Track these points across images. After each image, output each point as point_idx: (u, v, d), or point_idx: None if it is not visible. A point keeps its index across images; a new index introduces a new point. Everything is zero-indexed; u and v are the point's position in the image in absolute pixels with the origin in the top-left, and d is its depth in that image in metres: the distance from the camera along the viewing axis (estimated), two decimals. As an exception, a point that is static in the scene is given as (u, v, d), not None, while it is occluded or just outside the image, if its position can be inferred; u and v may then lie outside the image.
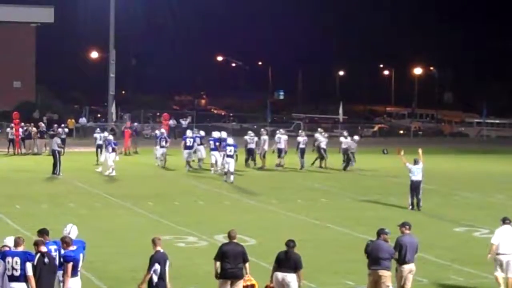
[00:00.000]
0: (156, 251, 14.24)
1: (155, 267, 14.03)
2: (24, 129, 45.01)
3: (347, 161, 39.19)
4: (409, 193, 27.75)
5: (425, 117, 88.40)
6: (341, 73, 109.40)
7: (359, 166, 39.30)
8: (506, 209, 26.55)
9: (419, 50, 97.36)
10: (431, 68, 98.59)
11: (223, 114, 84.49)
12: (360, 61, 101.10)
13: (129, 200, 28.41)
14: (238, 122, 71.73)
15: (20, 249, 13.54)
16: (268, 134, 41.52)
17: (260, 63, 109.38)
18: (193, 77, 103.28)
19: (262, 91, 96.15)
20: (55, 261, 13.90)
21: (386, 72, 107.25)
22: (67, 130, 47.72)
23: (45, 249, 13.71)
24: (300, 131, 44.43)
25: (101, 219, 24.90)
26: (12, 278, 13.34)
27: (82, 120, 61.19)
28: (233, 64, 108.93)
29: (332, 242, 22.13)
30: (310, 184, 34.22)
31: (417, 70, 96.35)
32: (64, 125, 48.70)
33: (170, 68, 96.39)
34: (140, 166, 39.93)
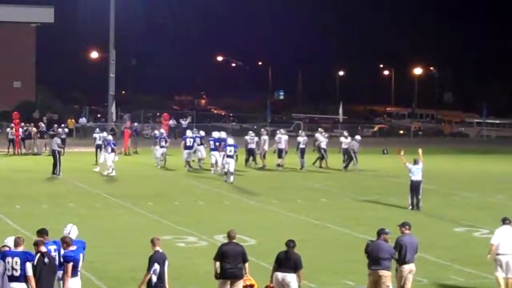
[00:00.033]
0: (155, 251, 14.22)
1: (155, 267, 14.02)
2: (24, 129, 45.00)
3: (348, 161, 39.18)
4: (409, 193, 27.78)
5: (425, 117, 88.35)
6: (341, 73, 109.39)
7: (359, 166, 39.24)
8: (506, 209, 26.55)
9: (419, 50, 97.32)
10: (431, 68, 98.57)
11: (223, 114, 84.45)
12: (360, 61, 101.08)
13: (129, 200, 28.41)
14: (238, 122, 71.71)
15: (20, 249, 13.54)
16: (268, 134, 41.53)
17: (260, 63, 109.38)
18: (193, 77, 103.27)
19: (262, 91, 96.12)
20: (55, 261, 13.90)
21: (386, 72, 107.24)
22: (67, 130, 47.71)
23: (45, 249, 13.71)
24: (300, 131, 44.42)
25: (101, 219, 24.90)
26: (12, 278, 13.33)
27: (82, 120, 61.18)
28: (233, 64, 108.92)
29: (332, 242, 22.12)
30: (310, 184, 34.22)
31: (417, 70, 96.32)
32: (64, 125, 48.70)
33: (170, 68, 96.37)
34: (140, 166, 39.93)
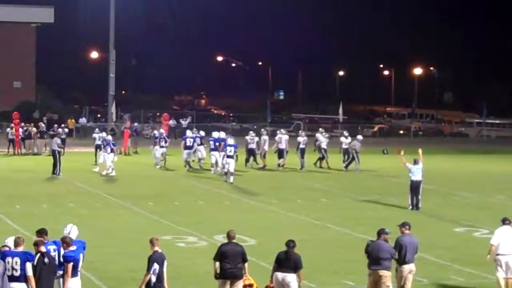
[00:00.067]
0: (154, 251, 14.23)
1: (154, 267, 14.04)
2: (24, 129, 44.98)
3: (350, 160, 39.18)
4: (409, 193, 27.78)
5: (425, 117, 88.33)
6: (341, 73, 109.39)
7: (360, 166, 39.19)
8: (506, 209, 26.57)
9: (419, 50, 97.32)
10: (431, 68, 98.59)
11: (223, 114, 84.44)
12: (360, 61, 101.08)
13: (129, 200, 28.41)
14: (238, 122, 71.70)
15: (20, 249, 13.54)
16: (268, 134, 41.53)
17: (260, 63, 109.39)
18: (193, 77, 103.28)
19: (262, 91, 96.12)
20: (55, 261, 13.91)
21: (386, 72, 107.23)
22: (67, 130, 47.71)
23: (45, 249, 13.71)
24: (300, 131, 44.42)
25: (101, 219, 24.89)
26: (12, 278, 13.34)
27: (82, 120, 61.18)
28: (233, 64, 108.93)
29: (332, 242, 22.12)
30: (310, 184, 34.22)
31: (417, 70, 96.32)
32: (64, 125, 48.70)
33: (170, 68, 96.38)
34: (140, 166, 39.93)
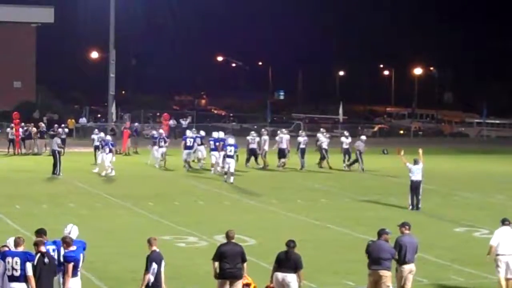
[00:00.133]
0: (152, 251, 14.26)
1: (153, 267, 14.06)
2: (24, 129, 44.97)
3: (354, 161, 39.19)
4: (409, 193, 27.78)
5: (425, 117, 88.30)
6: (341, 73, 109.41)
7: (363, 166, 39.19)
8: (506, 210, 26.61)
9: (419, 50, 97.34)
10: (431, 68, 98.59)
11: (223, 114, 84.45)
12: (360, 61, 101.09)
13: (129, 200, 28.41)
14: (238, 122, 71.69)
15: (20, 249, 13.54)
16: (269, 134, 41.53)
17: (260, 63, 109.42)
18: (193, 77, 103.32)
19: (262, 91, 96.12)
20: (55, 261, 13.91)
21: (386, 72, 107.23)
22: (67, 130, 47.71)
23: (45, 249, 13.71)
24: (300, 131, 44.43)
25: (101, 219, 24.89)
26: (12, 278, 13.34)
27: (82, 120, 61.16)
28: (233, 64, 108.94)
29: (332, 242, 22.12)
30: (310, 184, 34.22)
31: (417, 70, 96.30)
32: (64, 125, 48.68)
33: (170, 68, 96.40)
34: (140, 166, 39.92)
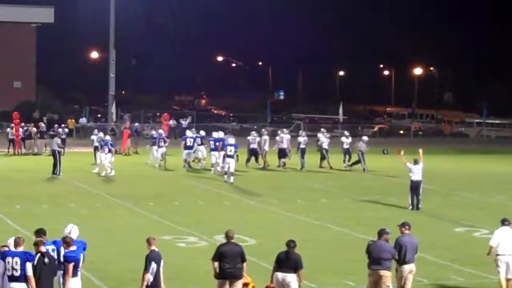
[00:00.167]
0: (151, 251, 14.29)
1: (152, 266, 14.08)
2: (25, 129, 44.96)
3: (356, 161, 39.20)
4: (409, 193, 27.78)
5: (425, 117, 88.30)
6: (341, 73, 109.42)
7: (359, 166, 39.23)
8: (506, 210, 26.61)
9: (419, 50, 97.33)
10: (431, 68, 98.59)
11: (223, 114, 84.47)
12: (360, 61, 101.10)
13: (129, 200, 28.41)
14: (238, 122, 71.70)
15: (20, 249, 13.54)
16: (269, 134, 41.52)
17: (260, 63, 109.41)
18: (193, 77, 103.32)
19: (262, 91, 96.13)
20: (55, 261, 13.91)
21: (386, 72, 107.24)
22: (67, 130, 47.71)
23: (45, 249, 13.71)
24: (300, 131, 44.43)
25: (101, 219, 24.89)
26: (12, 278, 13.34)
27: (82, 120, 61.17)
28: (233, 64, 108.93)
29: (332, 242, 22.13)
30: (310, 184, 34.22)
31: (417, 70, 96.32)
32: (64, 125, 48.68)
33: (170, 68, 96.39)
34: (140, 166, 39.91)
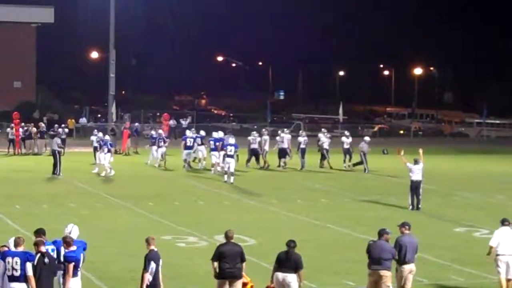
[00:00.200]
0: (150, 250, 14.31)
1: (151, 266, 14.09)
2: (25, 129, 44.96)
3: (358, 162, 39.20)
4: (409, 193, 27.78)
5: (425, 117, 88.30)
6: (341, 73, 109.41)
7: (360, 166, 39.20)
8: (506, 210, 26.62)
9: (419, 50, 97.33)
10: (431, 68, 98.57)
11: (223, 114, 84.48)
12: (360, 61, 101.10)
13: (129, 200, 28.41)
14: (238, 122, 71.72)
15: (20, 249, 13.54)
16: (269, 134, 41.52)
17: (260, 63, 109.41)
18: (193, 77, 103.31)
19: (262, 91, 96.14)
20: (55, 262, 13.90)
21: (386, 72, 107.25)
22: (67, 130, 47.69)
23: (45, 249, 13.71)
24: (300, 131, 44.43)
25: (101, 219, 24.89)
26: (12, 278, 13.34)
27: (82, 120, 61.17)
28: (233, 64, 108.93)
29: (333, 242, 22.13)
30: (310, 184, 34.22)
31: (417, 70, 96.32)
32: (64, 125, 48.66)
33: (170, 68, 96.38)
34: (140, 166, 39.90)
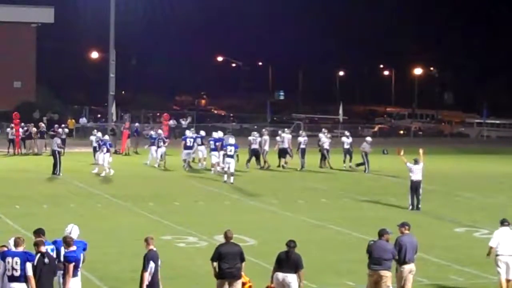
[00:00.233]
0: (149, 250, 14.32)
1: (151, 265, 14.10)
2: (25, 129, 44.95)
3: (361, 163, 39.21)
4: (409, 193, 27.78)
5: (425, 118, 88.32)
6: (341, 73, 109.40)
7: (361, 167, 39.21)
8: (506, 210, 26.60)
9: (419, 50, 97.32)
10: (431, 68, 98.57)
11: (223, 114, 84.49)
12: (360, 61, 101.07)
13: (129, 201, 28.41)
14: (238, 122, 71.72)
15: (20, 249, 13.54)
16: (269, 134, 41.53)
17: (260, 63, 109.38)
18: (193, 77, 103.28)
19: (262, 91, 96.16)
20: (55, 262, 13.90)
21: (386, 72, 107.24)
22: (67, 130, 47.68)
23: (45, 249, 13.71)
24: (300, 131, 44.45)
25: (101, 219, 24.89)
26: (12, 279, 13.34)
27: (82, 120, 61.16)
28: (233, 64, 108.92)
29: (333, 242, 22.13)
30: (310, 184, 34.22)
31: (417, 70, 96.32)
32: (64, 125, 48.63)
33: (170, 68, 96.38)
34: (140, 166, 39.89)
